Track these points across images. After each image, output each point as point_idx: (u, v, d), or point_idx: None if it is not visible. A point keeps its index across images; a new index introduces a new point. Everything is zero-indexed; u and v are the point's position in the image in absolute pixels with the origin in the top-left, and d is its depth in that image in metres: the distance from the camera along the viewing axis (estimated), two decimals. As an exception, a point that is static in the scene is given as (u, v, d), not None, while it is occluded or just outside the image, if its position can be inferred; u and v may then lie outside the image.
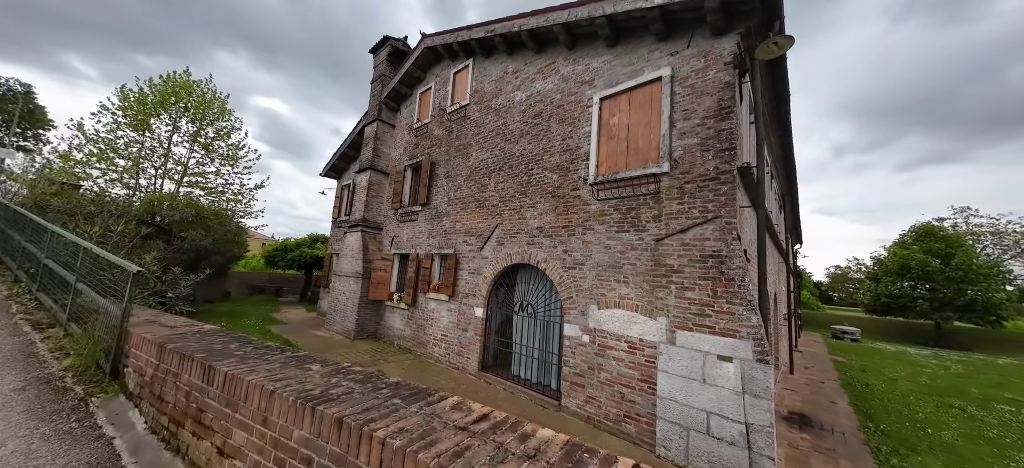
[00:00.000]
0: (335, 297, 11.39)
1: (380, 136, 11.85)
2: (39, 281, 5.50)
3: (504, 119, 8.13)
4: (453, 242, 8.70)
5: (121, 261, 3.77)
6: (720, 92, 5.02)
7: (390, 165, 11.92)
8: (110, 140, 14.41)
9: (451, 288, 8.26)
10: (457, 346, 7.91)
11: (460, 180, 8.94)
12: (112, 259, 3.91)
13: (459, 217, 8.73)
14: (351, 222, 11.56)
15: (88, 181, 13.96)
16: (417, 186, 10.74)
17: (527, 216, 7.10)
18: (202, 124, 16.64)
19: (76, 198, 8.38)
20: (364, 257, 10.77)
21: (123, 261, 3.75)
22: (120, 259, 3.84)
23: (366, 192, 11.44)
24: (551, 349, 6.59)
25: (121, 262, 3.77)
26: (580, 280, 5.96)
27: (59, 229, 5.40)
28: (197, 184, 16.39)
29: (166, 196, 11.95)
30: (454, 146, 9.39)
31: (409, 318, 9.48)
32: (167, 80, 15.67)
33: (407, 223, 10.44)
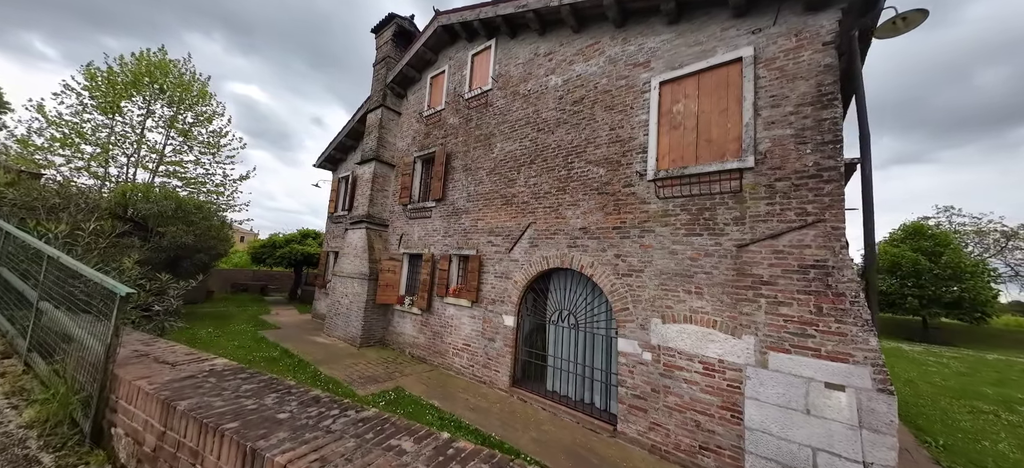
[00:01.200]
0: (336, 300, 10.30)
1: (385, 124, 10.73)
2: None
3: (535, 106, 7.22)
4: (475, 242, 7.78)
5: (105, 279, 2.73)
6: (819, 76, 4.27)
7: (396, 156, 10.83)
8: (75, 124, 12.71)
9: (474, 293, 7.36)
10: (482, 357, 7.04)
11: (482, 174, 8.00)
12: (91, 275, 2.86)
13: (481, 215, 7.81)
14: (354, 218, 10.46)
15: (50, 170, 12.28)
16: (430, 180, 9.73)
17: (567, 215, 6.26)
18: (180, 108, 15.00)
19: (37, 189, 7.02)
20: (370, 257, 9.71)
21: (108, 280, 2.72)
22: (102, 276, 2.79)
23: (370, 185, 10.33)
24: (597, 364, 5.81)
25: (105, 281, 2.73)
26: (638, 289, 5.17)
27: (13, 229, 4.21)
28: (175, 174, 14.80)
29: (140, 186, 10.53)
30: (474, 136, 8.42)
31: (423, 324, 8.53)
32: (140, 58, 13.98)
33: (418, 220, 9.44)
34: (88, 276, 2.91)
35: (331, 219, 13.69)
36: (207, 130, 15.97)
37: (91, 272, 2.91)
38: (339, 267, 10.53)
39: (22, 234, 4.01)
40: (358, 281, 9.71)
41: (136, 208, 9.03)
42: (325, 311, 12.62)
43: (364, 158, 10.79)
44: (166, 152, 14.57)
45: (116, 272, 4.86)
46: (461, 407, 5.85)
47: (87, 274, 2.92)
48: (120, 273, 4.84)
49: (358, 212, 10.47)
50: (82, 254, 4.99)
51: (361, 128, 12.33)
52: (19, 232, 4.08)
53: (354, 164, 12.68)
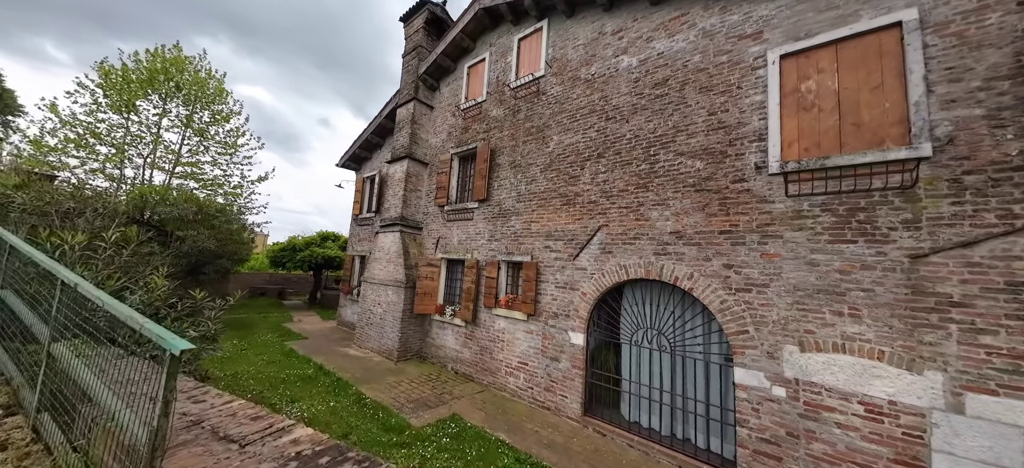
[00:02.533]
0: (367, 308, 9.43)
1: (417, 119, 9.81)
2: None
3: (602, 92, 6.24)
4: (529, 247, 6.83)
5: (150, 326, 1.82)
6: (1017, 43, 3.26)
7: (430, 153, 9.91)
8: (89, 124, 11.97)
9: (531, 305, 6.42)
10: (543, 379, 6.11)
11: (535, 171, 7.05)
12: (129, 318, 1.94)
13: (535, 216, 6.86)
14: (386, 220, 9.56)
15: (65, 171, 11.55)
16: (470, 178, 8.79)
17: (652, 216, 5.29)
18: (196, 106, 14.22)
19: (49, 192, 6.18)
20: (405, 262, 8.82)
21: (157, 330, 1.80)
22: (147, 322, 1.87)
23: (403, 185, 9.43)
24: (695, 395, 4.84)
25: (151, 330, 1.81)
26: (762, 309, 4.19)
27: (18, 241, 3.30)
28: (192, 175, 14.04)
29: (158, 188, 9.74)
30: (523, 129, 7.46)
31: (468, 338, 7.62)
32: (156, 55, 13.20)
33: (458, 222, 8.51)
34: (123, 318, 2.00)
35: (356, 221, 12.83)
36: (223, 129, 15.19)
37: (129, 313, 2.00)
38: (370, 273, 9.65)
39: (28, 249, 3.11)
40: (392, 288, 8.82)
41: (155, 211, 8.21)
42: (352, 319, 11.78)
43: (395, 156, 9.89)
44: (182, 152, 13.81)
45: (144, 289, 4.00)
46: (533, 442, 4.92)
47: (122, 315, 2.01)
48: (149, 291, 3.97)
49: (390, 214, 9.57)
50: (103, 269, 4.12)
51: (389, 124, 11.43)
52: (25, 246, 3.17)
53: (384, 162, 11.80)
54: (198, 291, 4.27)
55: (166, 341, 1.70)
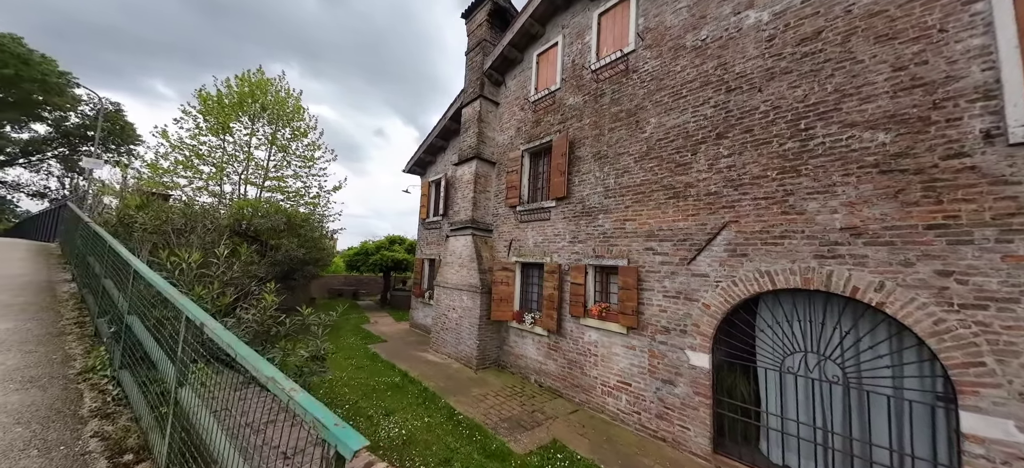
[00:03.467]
0: (442, 313, 9.13)
1: (484, 117, 9.26)
2: (123, 347, 3.26)
3: (720, 59, 5.07)
4: (624, 249, 5.88)
5: (300, 398, 1.30)
6: None
7: (497, 152, 9.32)
8: (193, 146, 13.25)
9: (632, 316, 5.48)
10: (654, 404, 5.15)
11: (627, 161, 6.06)
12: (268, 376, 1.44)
13: (630, 213, 5.88)
14: (457, 224, 9.17)
15: (176, 190, 12.87)
16: (544, 174, 8.03)
17: (808, 208, 4.07)
18: (278, 124, 15.16)
19: (165, 211, 6.53)
20: (479, 266, 8.32)
21: (312, 404, 1.27)
22: (300, 392, 1.36)
23: (472, 187, 8.94)
24: (882, 441, 3.59)
25: (301, 401, 1.29)
26: (1009, 333, 2.87)
27: (144, 268, 3.07)
28: (278, 188, 15.02)
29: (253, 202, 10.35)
30: (609, 115, 6.50)
31: (551, 349, 6.88)
32: (243, 79, 14.26)
33: (532, 223, 7.80)
34: (264, 380, 1.50)
35: (423, 225, 12.75)
36: (302, 144, 16.07)
37: (272, 372, 1.49)
38: (442, 277, 9.35)
39: (155, 279, 2.86)
40: (467, 294, 8.38)
41: (251, 224, 8.60)
42: (425, 322, 11.70)
43: (462, 157, 9.44)
44: (269, 168, 14.81)
45: (257, 308, 3.79)
46: (659, 488, 4.03)
47: (263, 375, 1.51)
48: (263, 311, 3.77)
49: (460, 217, 9.15)
50: (218, 287, 4.00)
51: (454, 125, 11.08)
52: (153, 275, 2.91)
53: (449, 165, 11.51)
54: (306, 310, 4.01)
55: (331, 432, 1.14)
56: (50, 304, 4.61)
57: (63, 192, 21.50)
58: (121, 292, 3.28)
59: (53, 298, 4.88)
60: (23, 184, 22.46)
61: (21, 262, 6.77)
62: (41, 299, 4.75)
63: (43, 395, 2.84)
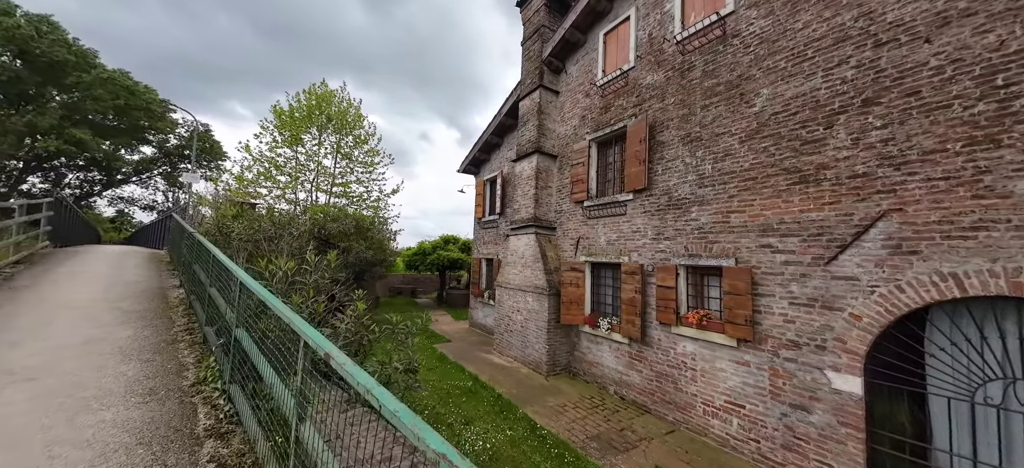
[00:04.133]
0: (505, 315, 8.74)
1: (544, 109, 8.67)
2: (232, 362, 2.99)
3: (860, 7, 3.99)
4: (729, 246, 4.98)
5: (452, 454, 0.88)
6: None
7: (558, 145, 8.70)
8: (272, 158, 14.25)
9: (746, 327, 4.58)
10: (778, 432, 4.25)
11: (729, 142, 5.13)
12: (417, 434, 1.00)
13: (737, 204, 4.96)
14: (518, 223, 8.71)
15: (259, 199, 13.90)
16: (616, 165, 7.26)
17: (1015, 190, 2.97)
18: (342, 133, 15.83)
19: (257, 219, 6.79)
20: (544, 267, 7.79)
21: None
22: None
23: (534, 183, 8.41)
24: None
25: None
26: None
27: (251, 282, 2.84)
28: (344, 193, 15.70)
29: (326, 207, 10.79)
30: (701, 90, 5.58)
31: (634, 359, 6.14)
32: (309, 93, 15.06)
33: (604, 219, 7.07)
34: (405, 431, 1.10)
35: (480, 224, 12.52)
36: (362, 150, 16.66)
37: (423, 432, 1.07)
38: (504, 277, 8.96)
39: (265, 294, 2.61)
40: (532, 295, 7.89)
41: (326, 228, 8.88)
42: (485, 322, 11.46)
43: (522, 152, 8.94)
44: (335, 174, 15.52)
45: (351, 319, 3.60)
46: (809, 546, 3.19)
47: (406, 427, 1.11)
48: (356, 320, 3.58)
49: (521, 215, 8.68)
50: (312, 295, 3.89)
51: (510, 121, 10.63)
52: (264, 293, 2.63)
53: (505, 162, 11.11)
54: (394, 317, 3.78)
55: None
56: (163, 310, 4.86)
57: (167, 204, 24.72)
58: (228, 304, 3.20)
59: (165, 304, 5.17)
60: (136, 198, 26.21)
61: (136, 269, 7.45)
62: (155, 305, 5.04)
63: (161, 409, 2.79)
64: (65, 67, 18.29)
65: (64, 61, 18.14)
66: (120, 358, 3.49)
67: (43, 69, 17.76)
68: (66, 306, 4.67)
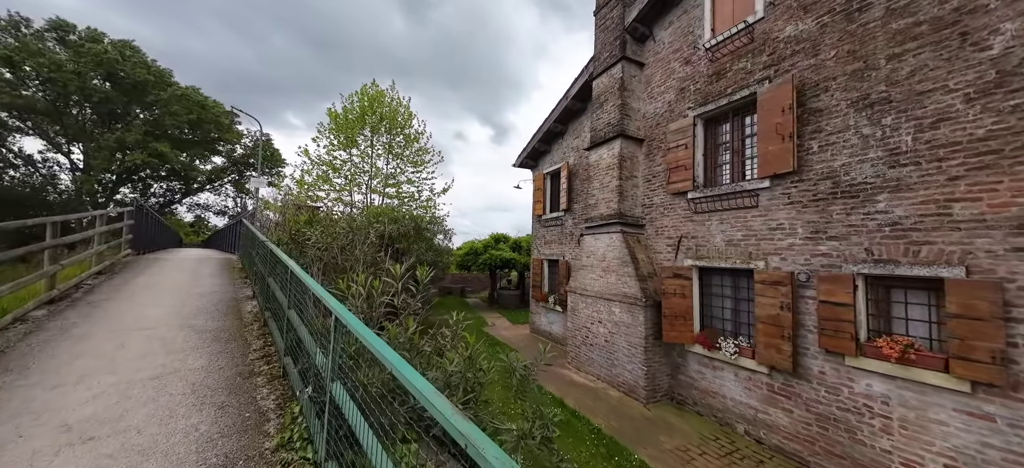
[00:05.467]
0: (583, 326, 7.64)
1: (628, 85, 7.38)
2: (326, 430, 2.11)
3: None
4: (952, 249, 3.48)
5: None
6: None
7: (644, 127, 7.38)
8: (329, 161, 14.22)
9: (989, 366, 3.10)
10: (1077, 534, 2.75)
11: (947, 101, 3.59)
12: None
13: (964, 189, 3.44)
14: (598, 220, 7.53)
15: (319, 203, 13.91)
16: (735, 145, 5.84)
17: None
18: (393, 133, 15.48)
19: (333, 225, 6.23)
20: (636, 272, 6.56)
21: None
22: None
23: (617, 173, 7.18)
24: None
25: None
26: None
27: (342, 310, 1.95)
28: (397, 194, 15.39)
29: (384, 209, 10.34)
30: (885, 35, 4.05)
31: (779, 393, 4.77)
32: (362, 94, 14.83)
33: (721, 213, 5.70)
34: None
35: (540, 222, 11.48)
36: (412, 150, 16.25)
37: None
38: (579, 283, 7.84)
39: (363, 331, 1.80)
40: (621, 306, 6.70)
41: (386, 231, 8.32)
42: (549, 328, 10.45)
43: (600, 138, 7.72)
44: (388, 175, 15.25)
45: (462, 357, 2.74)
46: None
47: None
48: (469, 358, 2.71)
49: (601, 211, 7.48)
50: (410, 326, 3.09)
51: (578, 105, 9.43)
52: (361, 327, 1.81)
53: (575, 151, 9.94)
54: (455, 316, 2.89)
55: None
56: (237, 329, 4.38)
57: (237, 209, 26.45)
58: (318, 344, 2.43)
59: (239, 320, 4.73)
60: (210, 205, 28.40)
61: (211, 278, 7.29)
62: (229, 323, 4.60)
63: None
64: (146, 86, 19.84)
65: (145, 81, 19.67)
66: (192, 401, 2.88)
67: (128, 89, 19.36)
68: (139, 326, 4.31)
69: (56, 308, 4.65)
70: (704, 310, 6.03)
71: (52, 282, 4.83)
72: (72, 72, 17.13)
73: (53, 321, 4.22)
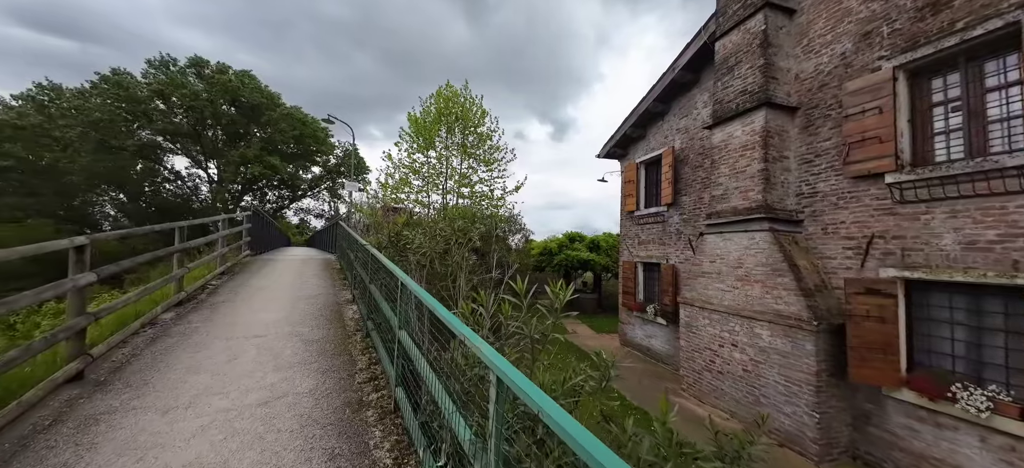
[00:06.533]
0: (704, 346, 6.16)
1: (772, 39, 5.70)
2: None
3: None
4: None
5: None
6: None
7: (799, 92, 5.63)
8: (409, 164, 14.50)
9: None
10: None
11: None
12: None
13: None
14: (727, 215, 5.98)
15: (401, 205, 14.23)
16: (976, 106, 3.95)
17: None
18: (466, 132, 15.25)
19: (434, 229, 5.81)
20: (798, 284, 4.92)
21: None
22: None
23: (761, 152, 5.57)
24: None
25: None
26: None
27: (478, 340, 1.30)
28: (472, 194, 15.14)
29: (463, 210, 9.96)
30: None
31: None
32: (438, 95, 14.84)
33: (948, 202, 3.88)
34: None
35: (632, 219, 10.06)
36: (485, 148, 15.86)
37: None
38: (699, 294, 6.35)
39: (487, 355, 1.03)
40: (772, 329, 5.12)
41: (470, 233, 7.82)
42: (646, 342, 9.02)
43: (727, 112, 6.14)
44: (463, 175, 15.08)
45: None
46: None
47: None
48: None
49: (734, 203, 5.92)
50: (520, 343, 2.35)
51: (688, 76, 7.85)
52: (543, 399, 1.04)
53: (680, 133, 8.38)
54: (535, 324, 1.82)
55: None
56: (341, 342, 4.12)
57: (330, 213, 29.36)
58: (452, 396, 1.67)
59: (342, 329, 4.53)
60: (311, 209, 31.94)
61: (314, 279, 7.50)
62: (333, 332, 4.39)
63: None
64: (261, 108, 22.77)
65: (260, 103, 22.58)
66: (300, 445, 2.43)
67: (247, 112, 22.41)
68: (251, 333, 4.24)
69: (182, 311, 4.84)
70: (914, 341, 4.22)
71: (180, 285, 5.07)
72: (206, 100, 20.30)
73: (177, 325, 4.31)
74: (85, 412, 2.48)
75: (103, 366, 3.16)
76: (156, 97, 19.66)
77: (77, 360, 2.72)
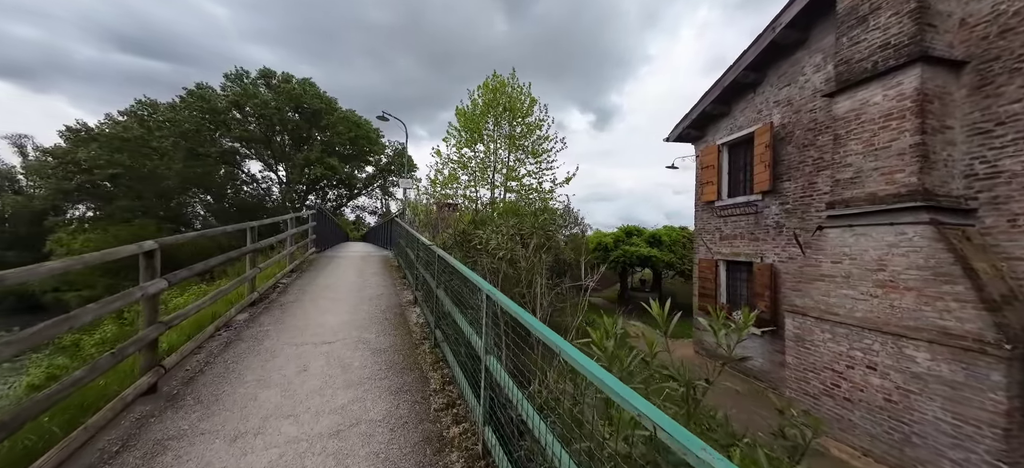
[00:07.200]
0: (824, 366, 5.02)
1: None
2: None
3: None
4: None
5: None
6: None
7: (968, 41, 4.25)
8: (458, 159, 14.33)
9: None
10: None
11: None
12: None
13: None
14: (868, 202, 4.76)
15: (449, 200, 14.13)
16: None
17: None
18: (514, 122, 14.69)
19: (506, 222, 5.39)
20: (977, 294, 3.68)
21: None
22: None
23: (916, 123, 4.30)
24: None
25: None
26: None
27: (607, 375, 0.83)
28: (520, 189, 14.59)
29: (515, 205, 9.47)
30: None
31: None
32: (486, 86, 14.43)
33: None
34: None
35: (711, 210, 8.84)
36: (533, 138, 15.18)
37: None
38: (818, 301, 5.18)
39: None
40: (933, 353, 3.93)
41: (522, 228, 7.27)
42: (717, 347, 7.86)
43: (859, 73, 4.87)
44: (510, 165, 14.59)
45: None
46: None
47: None
48: None
49: (871, 188, 4.69)
50: None
51: (794, 35, 6.52)
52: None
53: (779, 106, 7.07)
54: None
55: None
56: (409, 352, 3.89)
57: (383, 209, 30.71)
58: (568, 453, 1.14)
59: (409, 337, 4.31)
60: (365, 206, 33.69)
61: (375, 278, 7.47)
62: (400, 340, 4.19)
63: None
64: (320, 113, 24.18)
65: (319, 109, 23.97)
66: None
67: (309, 117, 23.91)
68: (319, 339, 4.11)
69: (254, 312, 4.87)
70: None
71: (252, 285, 5.12)
72: (275, 108, 21.91)
73: (249, 328, 4.28)
74: (154, 435, 2.30)
75: (177, 376, 3.07)
76: (233, 107, 21.62)
77: (149, 373, 2.59)
